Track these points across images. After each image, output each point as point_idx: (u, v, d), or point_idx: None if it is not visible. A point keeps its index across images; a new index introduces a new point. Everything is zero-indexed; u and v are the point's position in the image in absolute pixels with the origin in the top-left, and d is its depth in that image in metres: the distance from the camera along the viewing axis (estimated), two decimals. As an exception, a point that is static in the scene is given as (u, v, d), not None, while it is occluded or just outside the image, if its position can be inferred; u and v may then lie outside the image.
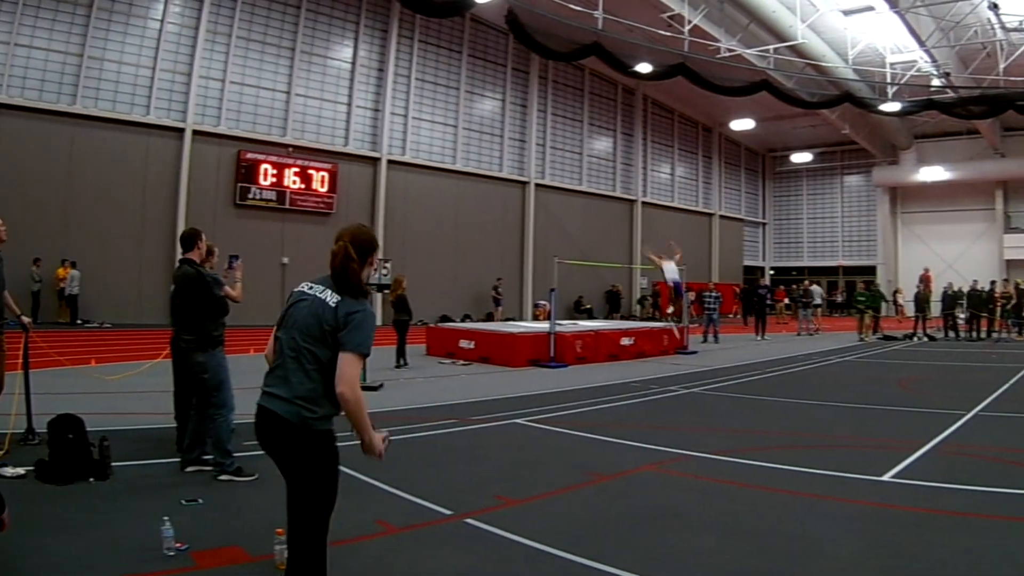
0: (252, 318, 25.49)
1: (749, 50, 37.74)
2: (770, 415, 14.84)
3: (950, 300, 36.84)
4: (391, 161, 39.04)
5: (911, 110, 42.71)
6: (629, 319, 44.27)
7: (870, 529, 7.56)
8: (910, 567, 6.55)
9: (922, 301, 37.27)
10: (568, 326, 26.50)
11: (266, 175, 34.55)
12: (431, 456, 10.67)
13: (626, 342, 25.76)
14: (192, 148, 32.42)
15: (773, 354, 27.31)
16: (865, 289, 37.47)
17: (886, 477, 9.54)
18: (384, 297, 27.03)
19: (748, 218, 65.96)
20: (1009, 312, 35.90)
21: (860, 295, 36.26)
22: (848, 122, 51.27)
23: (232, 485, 8.84)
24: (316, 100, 37.08)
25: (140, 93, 31.53)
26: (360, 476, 8.67)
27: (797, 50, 37.46)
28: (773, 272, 65.92)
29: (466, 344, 24.07)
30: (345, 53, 38.12)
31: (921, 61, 38.50)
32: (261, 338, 25.48)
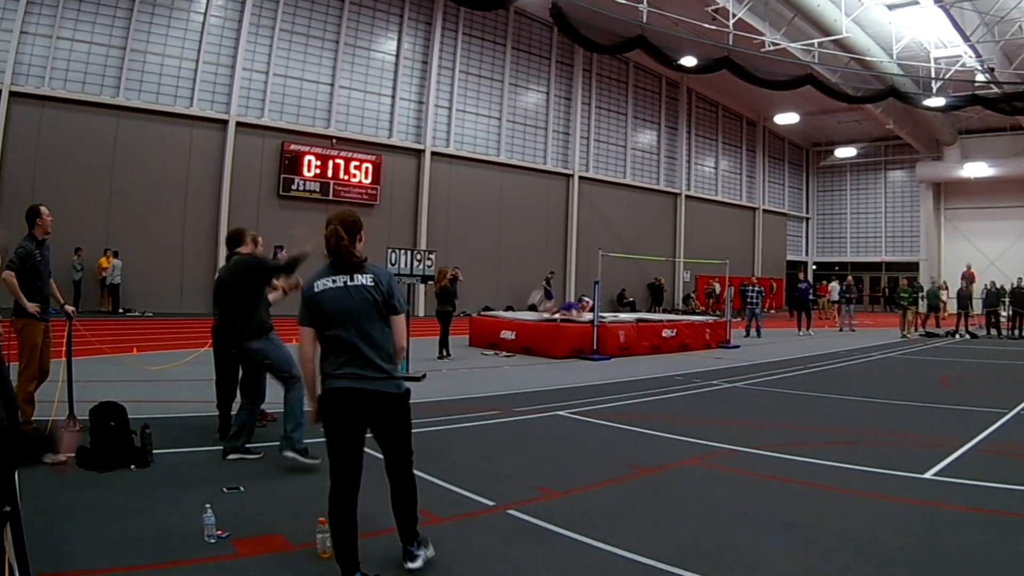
0: (289, 308, 25.65)
1: (794, 44, 37.45)
2: (812, 410, 14.75)
3: (993, 298, 36.46)
4: (435, 153, 39.14)
5: (955, 105, 42.16)
6: (672, 312, 44.06)
7: (913, 527, 7.48)
8: (953, 566, 6.48)
9: (965, 298, 36.93)
10: (610, 318, 26.39)
11: (310, 166, 34.75)
12: (474, 447, 10.71)
13: (668, 334, 25.67)
14: (236, 139, 32.70)
15: (815, 349, 27.08)
16: (908, 285, 37.15)
17: (928, 475, 9.44)
18: (428, 288, 27.01)
19: (792, 212, 65.27)
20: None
21: (903, 291, 35.85)
22: (892, 117, 50.60)
23: (273, 474, 8.89)
24: (360, 92, 37.20)
25: (184, 85, 31.82)
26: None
27: (841, 44, 37.14)
28: (816, 267, 65.34)
29: (508, 335, 24.07)
30: (389, 46, 38.20)
31: (965, 56, 38.01)
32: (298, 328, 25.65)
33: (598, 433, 11.99)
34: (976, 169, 54.47)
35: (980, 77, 39.21)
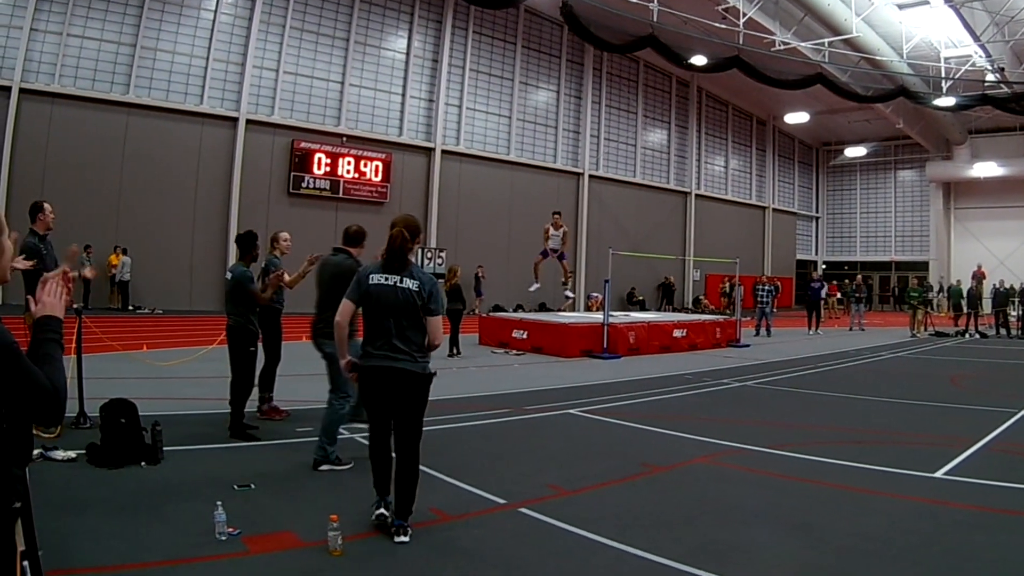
0: (307, 305, 25.80)
1: (804, 43, 37.41)
2: (822, 410, 14.75)
3: (1002, 297, 36.34)
4: (445, 151, 39.14)
5: (965, 105, 42.12)
6: (682, 312, 44.01)
7: (923, 526, 7.50)
8: (964, 566, 6.48)
9: (975, 298, 36.87)
10: (621, 317, 26.40)
11: (320, 164, 34.76)
12: (485, 445, 10.72)
13: (678, 334, 25.63)
14: (246, 137, 32.74)
15: (825, 349, 26.96)
16: (918, 285, 37.06)
17: (939, 474, 9.44)
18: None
19: (801, 212, 65.18)
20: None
21: (912, 291, 35.75)
22: (902, 116, 50.47)
23: (285, 471, 8.86)
24: (370, 90, 37.20)
25: (194, 83, 31.88)
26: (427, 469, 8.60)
27: (852, 44, 37.10)
28: (825, 266, 65.03)
29: (519, 334, 24.06)
30: (399, 44, 38.20)
31: (976, 56, 37.93)
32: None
33: (609, 431, 12.00)
34: (986, 169, 54.33)
35: (990, 77, 39.15)
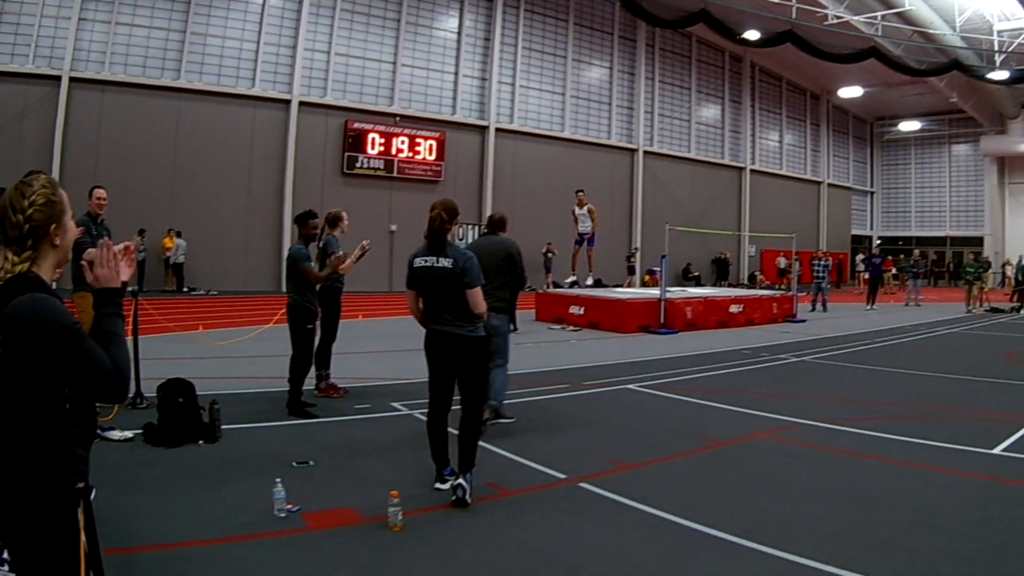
0: (363, 284, 25.95)
1: (856, 17, 37.02)
2: (880, 385, 14.57)
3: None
4: (499, 129, 39.12)
5: (1019, 78, 41.48)
6: (737, 287, 43.76)
7: (982, 501, 7.43)
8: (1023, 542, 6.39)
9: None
10: (678, 293, 26.24)
11: (373, 144, 34.88)
12: (544, 421, 10.61)
13: (735, 309, 25.43)
14: (299, 119, 32.89)
15: (881, 324, 26.72)
16: (974, 260, 36.59)
17: (997, 450, 9.39)
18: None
19: (856, 187, 64.59)
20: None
21: (968, 266, 35.29)
22: (956, 90, 49.89)
23: (343, 448, 8.82)
24: (423, 70, 37.24)
25: (245, 66, 32.11)
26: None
27: (904, 17, 36.72)
28: (880, 242, 64.37)
29: (576, 310, 23.95)
30: (451, 23, 38.18)
31: (1029, 28, 37.49)
32: (372, 304, 25.76)
33: (669, 407, 11.94)
34: (1040, 143, 53.61)
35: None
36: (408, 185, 35.31)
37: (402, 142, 35.66)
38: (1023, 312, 33.67)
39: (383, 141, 35.13)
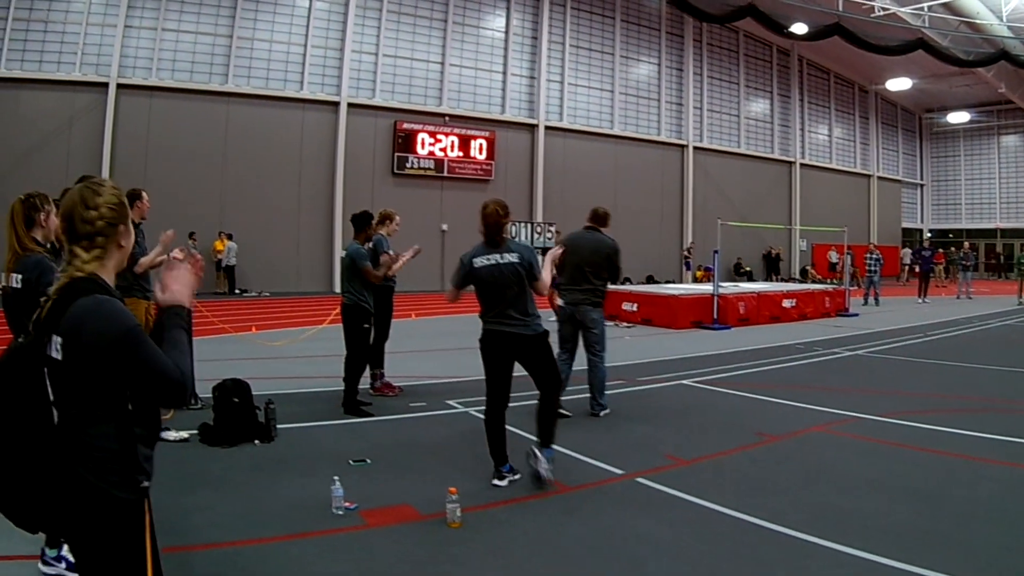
0: (415, 283, 26.02)
1: (903, 8, 36.75)
2: (933, 378, 14.52)
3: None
4: (548, 127, 39.03)
5: (1067, 68, 41.19)
6: (789, 282, 43.51)
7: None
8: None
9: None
10: (730, 288, 26.12)
11: (423, 144, 34.92)
12: (600, 417, 10.58)
13: (788, 304, 25.26)
14: (348, 120, 33.01)
15: (933, 317, 26.53)
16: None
17: (1052, 443, 9.26)
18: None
19: (906, 179, 63.91)
20: None
21: (1021, 258, 34.91)
22: (1004, 81, 49.33)
23: (400, 446, 8.82)
24: (471, 70, 37.28)
25: (293, 70, 32.31)
26: (527, 435, 8.47)
27: (951, 8, 36.43)
28: (931, 234, 63.73)
29: (629, 307, 23.90)
30: (498, 23, 38.18)
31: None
32: (423, 303, 25.78)
33: (723, 401, 11.91)
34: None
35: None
36: (459, 184, 35.36)
37: (452, 142, 35.68)
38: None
39: (433, 141, 35.18)
